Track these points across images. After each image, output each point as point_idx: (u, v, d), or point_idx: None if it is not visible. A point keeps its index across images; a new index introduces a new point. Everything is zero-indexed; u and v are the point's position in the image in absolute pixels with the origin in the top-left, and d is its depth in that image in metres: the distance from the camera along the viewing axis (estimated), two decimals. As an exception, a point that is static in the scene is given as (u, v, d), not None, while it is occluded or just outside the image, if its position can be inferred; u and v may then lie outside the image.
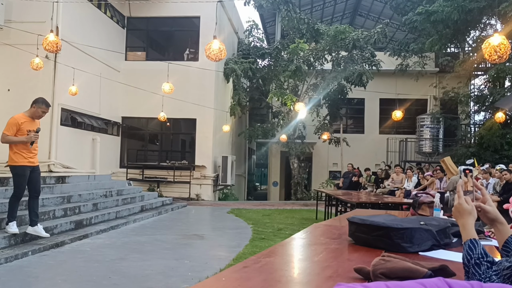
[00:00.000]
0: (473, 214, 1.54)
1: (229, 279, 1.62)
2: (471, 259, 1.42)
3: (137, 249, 6.63)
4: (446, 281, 0.94)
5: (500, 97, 15.66)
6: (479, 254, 1.41)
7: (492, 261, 1.40)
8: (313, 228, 3.00)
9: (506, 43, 6.45)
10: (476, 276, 1.37)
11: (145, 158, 16.87)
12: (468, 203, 1.56)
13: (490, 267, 1.38)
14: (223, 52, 7.56)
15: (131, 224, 9.19)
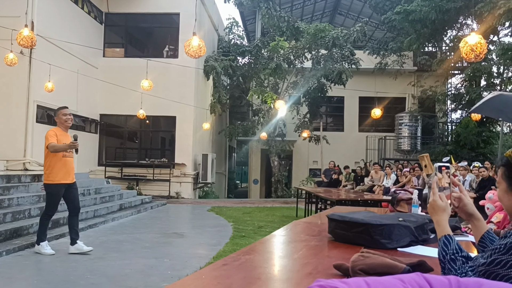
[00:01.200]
0: (447, 211, 1.56)
1: (209, 277, 1.60)
2: (446, 255, 1.43)
3: (115, 248, 6.55)
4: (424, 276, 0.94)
5: (476, 96, 15.96)
6: (454, 250, 1.43)
7: (467, 256, 1.42)
8: (293, 225, 3.00)
9: (483, 42, 6.56)
10: (452, 271, 1.38)
11: (124, 156, 16.69)
12: (443, 200, 1.57)
13: (466, 262, 1.40)
14: (202, 49, 7.52)
15: (110, 223, 9.08)
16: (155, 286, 4.56)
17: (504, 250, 1.22)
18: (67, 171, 5.69)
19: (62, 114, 5.78)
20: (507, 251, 1.22)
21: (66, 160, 5.69)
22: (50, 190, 5.63)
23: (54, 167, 5.57)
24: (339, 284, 0.86)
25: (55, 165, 5.57)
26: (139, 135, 17.28)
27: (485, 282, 0.92)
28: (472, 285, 0.90)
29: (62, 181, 5.62)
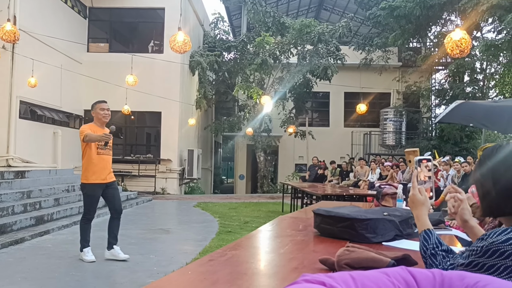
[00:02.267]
0: (426, 205, 1.58)
1: (195, 272, 1.60)
2: (427, 250, 1.45)
3: (101, 245, 6.48)
4: (408, 270, 0.95)
5: (459, 91, 16.15)
6: (434, 244, 1.45)
7: (447, 249, 1.44)
8: (279, 221, 3.01)
9: (467, 38, 6.63)
10: (433, 266, 1.40)
11: (109, 152, 16.54)
12: (422, 194, 1.59)
13: (446, 256, 1.42)
14: (188, 44, 7.47)
15: (95, 219, 8.96)
16: (141, 282, 4.55)
17: (481, 253, 1.24)
18: (103, 170, 5.24)
19: (100, 108, 5.32)
20: (483, 254, 1.23)
21: (102, 158, 5.25)
22: (86, 191, 5.25)
23: (89, 165, 5.16)
24: (325, 278, 0.86)
25: (90, 162, 5.16)
26: (124, 131, 17.14)
27: (468, 274, 0.93)
28: (455, 277, 0.91)
29: (97, 180, 5.18)
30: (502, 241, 1.20)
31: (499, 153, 1.34)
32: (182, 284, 1.46)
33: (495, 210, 1.32)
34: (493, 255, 1.21)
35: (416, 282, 0.92)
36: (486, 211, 1.35)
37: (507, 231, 1.22)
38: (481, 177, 1.35)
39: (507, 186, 1.27)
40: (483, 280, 0.88)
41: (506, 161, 1.31)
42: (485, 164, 1.35)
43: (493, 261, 1.21)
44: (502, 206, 1.28)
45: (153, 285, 1.45)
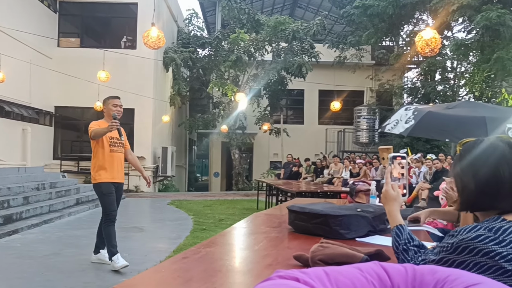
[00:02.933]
0: (398, 200, 1.59)
1: (168, 270, 1.58)
2: (399, 245, 1.47)
3: (72, 244, 6.39)
4: (381, 265, 0.95)
5: (431, 90, 16.46)
6: (406, 239, 1.47)
7: (419, 244, 1.46)
8: (253, 218, 3.01)
9: (437, 37, 6.76)
10: (406, 261, 1.42)
11: (81, 149, 16.25)
12: (394, 190, 1.61)
13: (418, 251, 1.44)
14: (161, 40, 7.40)
15: (66, 218, 8.84)
16: (114, 281, 4.48)
17: (451, 250, 1.26)
18: (117, 168, 4.94)
19: (113, 104, 4.99)
20: (454, 251, 1.25)
21: (115, 156, 4.94)
22: (102, 190, 4.86)
23: (103, 164, 4.84)
24: (299, 274, 0.86)
25: (103, 161, 4.85)
26: (96, 128, 16.85)
27: (439, 269, 0.94)
28: (427, 272, 0.93)
29: (112, 179, 4.87)
30: (472, 238, 1.22)
31: (480, 148, 1.35)
32: (155, 282, 1.44)
33: (473, 204, 1.33)
34: (463, 251, 1.23)
35: (389, 277, 0.92)
36: (464, 206, 1.36)
37: (476, 228, 1.24)
38: (461, 172, 1.35)
39: (487, 181, 1.28)
40: (454, 274, 0.90)
41: (486, 156, 1.32)
42: (465, 159, 1.36)
43: (463, 257, 1.23)
44: (481, 201, 1.30)
45: (126, 283, 1.43)
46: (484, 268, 1.18)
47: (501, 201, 1.27)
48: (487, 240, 1.20)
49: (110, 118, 4.93)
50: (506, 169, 1.28)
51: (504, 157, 1.31)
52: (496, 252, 1.17)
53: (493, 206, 1.28)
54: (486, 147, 1.34)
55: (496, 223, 1.23)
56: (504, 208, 1.27)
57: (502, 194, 1.27)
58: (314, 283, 0.84)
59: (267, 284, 0.84)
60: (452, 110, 5.90)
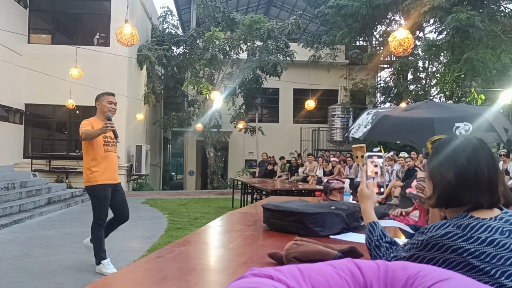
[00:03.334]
0: (372, 199, 1.62)
1: (142, 269, 1.57)
2: (371, 242, 1.50)
3: (43, 244, 6.26)
4: (354, 262, 0.97)
5: (403, 89, 16.73)
6: (378, 236, 1.49)
7: (391, 241, 1.49)
8: (228, 216, 3.00)
9: (410, 37, 6.87)
10: (378, 258, 1.44)
11: (52, 148, 15.94)
12: (369, 188, 1.63)
13: (390, 248, 1.46)
14: (135, 37, 7.31)
15: (37, 218, 8.66)
16: (86, 281, 4.41)
17: (421, 247, 1.29)
18: (112, 169, 4.68)
19: (108, 101, 4.73)
20: (423, 248, 1.28)
21: (110, 156, 4.67)
22: (96, 193, 4.57)
23: (97, 165, 4.55)
24: (273, 272, 0.86)
25: (97, 161, 4.56)
26: (68, 126, 16.56)
27: (410, 265, 0.96)
28: (399, 268, 0.94)
29: (107, 181, 4.60)
30: (441, 236, 1.25)
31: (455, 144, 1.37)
32: (128, 282, 1.43)
33: (452, 199, 1.34)
34: (432, 248, 1.26)
35: (362, 273, 0.94)
36: (441, 202, 1.37)
37: (445, 225, 1.27)
38: (440, 167, 1.36)
39: (468, 175, 1.31)
40: (424, 269, 0.91)
41: (465, 151, 1.34)
42: (442, 154, 1.37)
43: (432, 254, 1.26)
44: (461, 195, 1.30)
45: (98, 283, 1.40)
46: (453, 265, 1.21)
47: (479, 195, 1.30)
48: (456, 237, 1.22)
49: (103, 116, 4.71)
50: (484, 163, 1.32)
51: (482, 151, 1.34)
52: (464, 249, 1.20)
53: (471, 200, 1.30)
54: (462, 143, 1.37)
55: (464, 220, 1.26)
56: (482, 203, 1.30)
57: (481, 188, 1.30)
58: (288, 281, 0.84)
59: (241, 282, 0.84)
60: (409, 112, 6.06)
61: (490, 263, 1.18)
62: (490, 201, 1.30)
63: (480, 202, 1.29)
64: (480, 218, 1.26)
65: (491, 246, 1.19)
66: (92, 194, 4.64)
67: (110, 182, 4.64)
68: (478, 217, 1.26)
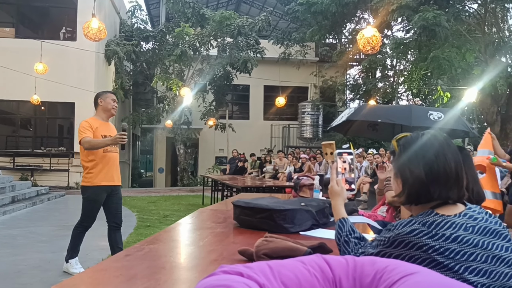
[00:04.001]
0: (342, 195, 1.64)
1: (110, 268, 1.54)
2: (341, 237, 1.51)
3: (7, 244, 6.09)
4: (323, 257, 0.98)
5: (372, 86, 16.99)
6: (348, 232, 1.51)
7: (359, 236, 1.51)
8: (199, 213, 2.99)
9: (378, 35, 6.98)
10: (347, 253, 1.46)
11: (17, 144, 15.50)
12: (339, 185, 1.65)
13: (359, 243, 1.48)
14: (103, 32, 7.18)
15: (1, 217, 8.42)
16: (53, 281, 4.31)
17: (388, 244, 1.31)
18: (111, 170, 4.43)
19: (112, 99, 4.55)
20: (390, 245, 1.31)
21: (109, 157, 4.41)
22: (88, 194, 4.40)
23: (95, 165, 4.34)
24: (243, 269, 0.86)
25: (95, 162, 4.34)
26: (33, 123, 16.14)
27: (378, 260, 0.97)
28: (367, 263, 0.96)
29: (103, 182, 4.36)
30: (407, 233, 1.27)
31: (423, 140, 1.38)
32: (96, 281, 1.40)
33: (422, 196, 1.34)
34: (399, 245, 1.28)
35: (331, 268, 0.94)
36: (411, 198, 1.37)
37: (411, 222, 1.29)
38: (409, 164, 1.37)
39: (437, 171, 1.32)
40: (392, 264, 0.93)
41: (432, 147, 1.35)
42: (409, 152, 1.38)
43: (399, 251, 1.28)
44: (431, 191, 1.32)
45: (65, 283, 1.37)
46: (419, 261, 1.23)
47: (449, 190, 1.32)
48: (421, 235, 1.25)
49: (105, 114, 4.56)
50: (451, 159, 1.34)
51: (448, 147, 1.37)
52: (429, 246, 1.23)
53: (441, 195, 1.32)
54: (429, 139, 1.38)
55: (429, 218, 1.28)
56: (451, 197, 1.33)
57: (450, 182, 1.32)
58: (257, 277, 0.85)
59: (211, 279, 0.83)
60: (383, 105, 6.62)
61: (454, 259, 1.21)
62: (457, 195, 1.33)
63: (450, 196, 1.32)
64: (445, 215, 1.28)
65: (455, 242, 1.22)
66: (84, 194, 4.48)
67: (106, 183, 4.40)
68: (443, 214, 1.29)
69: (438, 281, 0.84)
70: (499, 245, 1.25)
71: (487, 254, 1.23)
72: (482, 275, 1.20)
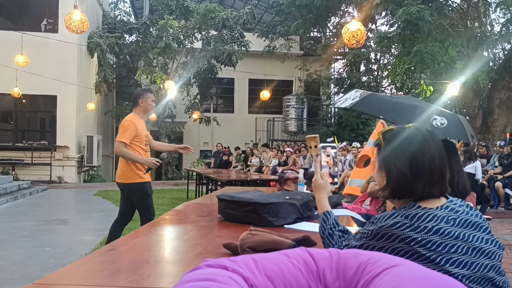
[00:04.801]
0: (326, 189, 1.65)
1: (94, 263, 1.53)
2: (325, 230, 1.52)
3: (-10, 239, 6.01)
4: (307, 250, 0.98)
5: (356, 80, 17.07)
6: (332, 225, 1.52)
7: (343, 229, 1.52)
8: (183, 207, 2.98)
9: (362, 29, 7.01)
10: (331, 246, 1.47)
11: (-3, 138, 15.28)
12: (323, 178, 1.66)
13: (342, 236, 1.50)
14: (85, 24, 7.08)
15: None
16: (35, 276, 4.27)
17: (371, 236, 1.32)
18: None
19: (152, 99, 4.55)
20: (373, 237, 1.32)
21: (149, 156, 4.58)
22: (146, 190, 4.45)
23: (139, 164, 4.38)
24: (227, 262, 0.86)
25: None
26: (14, 116, 15.89)
27: (361, 252, 0.98)
28: (350, 255, 0.97)
29: (147, 178, 4.48)
30: (390, 225, 1.29)
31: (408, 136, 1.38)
32: (79, 276, 1.39)
33: (407, 192, 1.35)
34: (381, 238, 1.30)
35: (314, 261, 0.95)
36: (396, 194, 1.38)
37: (394, 215, 1.31)
38: (395, 159, 1.36)
39: (422, 167, 1.32)
40: (375, 257, 0.94)
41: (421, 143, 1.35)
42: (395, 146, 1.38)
43: (382, 243, 1.29)
44: (416, 187, 1.32)
45: (47, 278, 1.36)
46: (401, 253, 1.25)
47: (432, 186, 1.33)
48: (404, 227, 1.26)
49: (144, 114, 4.57)
50: (436, 155, 1.35)
51: (433, 141, 1.37)
52: (411, 238, 1.25)
53: (425, 191, 1.32)
54: (414, 134, 1.38)
55: (412, 210, 1.30)
56: (434, 194, 1.34)
57: (434, 179, 1.33)
58: (242, 271, 0.85)
59: (195, 273, 0.83)
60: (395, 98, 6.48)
61: (436, 251, 1.23)
62: (440, 191, 1.34)
63: (433, 193, 1.33)
64: (427, 208, 1.30)
65: (437, 234, 1.24)
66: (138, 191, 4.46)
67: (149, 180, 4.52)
68: (425, 207, 1.30)
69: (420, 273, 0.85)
70: (479, 237, 1.28)
71: (468, 246, 1.25)
72: (463, 267, 1.22)
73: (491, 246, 1.28)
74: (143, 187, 4.43)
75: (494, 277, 1.25)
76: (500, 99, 12.80)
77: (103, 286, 1.30)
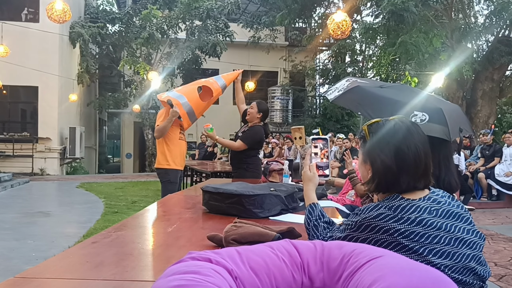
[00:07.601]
0: (313, 181, 1.65)
1: (77, 255, 1.51)
2: (310, 222, 1.53)
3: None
4: (292, 242, 0.98)
5: (341, 71, 17.12)
6: (317, 216, 1.53)
7: (328, 221, 1.53)
8: (167, 199, 2.97)
9: (348, 20, 7.01)
10: (315, 237, 1.48)
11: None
12: (311, 170, 1.66)
13: (327, 227, 1.50)
14: (67, 13, 6.96)
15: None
16: (17, 269, 4.20)
17: (355, 228, 1.33)
18: (183, 156, 4.91)
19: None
20: (357, 229, 1.32)
21: (182, 143, 4.89)
22: (170, 177, 4.67)
23: (173, 150, 4.71)
24: (211, 255, 0.86)
25: (173, 147, 4.73)
26: (-5, 107, 15.62)
27: (345, 244, 0.99)
28: (335, 247, 0.97)
29: (179, 166, 4.75)
30: (373, 217, 1.29)
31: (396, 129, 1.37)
32: (62, 269, 1.37)
33: (392, 186, 1.35)
34: (365, 229, 1.30)
35: (299, 253, 0.95)
36: (381, 187, 1.38)
37: (377, 207, 1.31)
38: (380, 153, 1.36)
39: (409, 162, 1.33)
40: (359, 248, 0.95)
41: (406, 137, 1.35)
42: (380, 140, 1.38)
43: (366, 235, 1.30)
44: (401, 181, 1.32)
45: (29, 271, 1.34)
46: (385, 245, 1.26)
47: (417, 180, 1.33)
48: (387, 218, 1.27)
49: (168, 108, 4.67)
50: (421, 149, 1.36)
51: (417, 135, 1.37)
52: (395, 229, 1.25)
53: (409, 185, 1.32)
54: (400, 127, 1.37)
55: (395, 202, 1.31)
56: (419, 187, 1.34)
57: (419, 173, 1.34)
58: (226, 263, 0.84)
59: (179, 266, 0.83)
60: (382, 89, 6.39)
61: (419, 242, 1.24)
62: (424, 184, 1.35)
63: (417, 186, 1.34)
64: (410, 199, 1.30)
65: (420, 225, 1.25)
66: (165, 178, 4.71)
67: (181, 168, 4.86)
68: (408, 198, 1.31)
69: (403, 264, 0.85)
70: (461, 227, 1.29)
71: (450, 236, 1.26)
72: (446, 257, 1.24)
73: (472, 236, 1.29)
74: (167, 174, 4.67)
75: (475, 267, 1.27)
76: (483, 90, 12.96)
77: (86, 279, 1.29)
